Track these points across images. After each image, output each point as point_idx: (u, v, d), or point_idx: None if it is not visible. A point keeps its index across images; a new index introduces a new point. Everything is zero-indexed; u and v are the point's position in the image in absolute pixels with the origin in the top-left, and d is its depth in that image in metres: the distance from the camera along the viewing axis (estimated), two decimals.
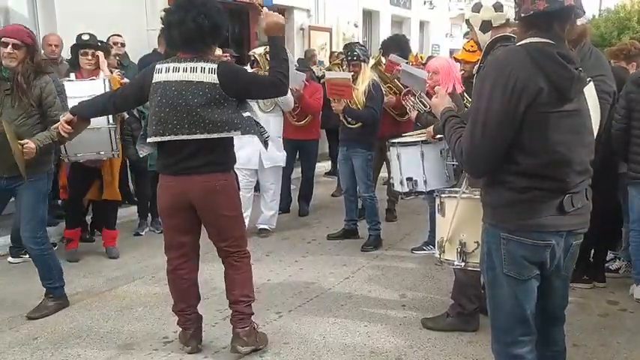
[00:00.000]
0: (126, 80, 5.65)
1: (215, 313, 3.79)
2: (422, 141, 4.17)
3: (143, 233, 5.80)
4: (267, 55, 5.11)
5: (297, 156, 6.61)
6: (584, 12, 1.98)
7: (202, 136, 2.96)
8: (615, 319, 3.75)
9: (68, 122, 3.26)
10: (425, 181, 4.09)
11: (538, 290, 2.12)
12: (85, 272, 4.71)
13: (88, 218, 5.58)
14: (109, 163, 4.85)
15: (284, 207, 6.42)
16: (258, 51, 5.26)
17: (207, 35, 3.01)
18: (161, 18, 3.09)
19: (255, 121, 3.15)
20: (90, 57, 4.68)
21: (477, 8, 3.29)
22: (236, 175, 3.33)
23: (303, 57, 9.05)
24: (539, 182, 1.96)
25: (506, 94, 1.90)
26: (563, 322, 2.31)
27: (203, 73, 2.96)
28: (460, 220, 2.42)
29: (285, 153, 5.80)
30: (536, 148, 1.95)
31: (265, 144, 3.25)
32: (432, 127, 4.00)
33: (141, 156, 3.31)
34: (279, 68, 3.02)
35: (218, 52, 5.88)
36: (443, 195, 2.56)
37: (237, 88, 3.01)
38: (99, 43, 4.95)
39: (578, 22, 2.00)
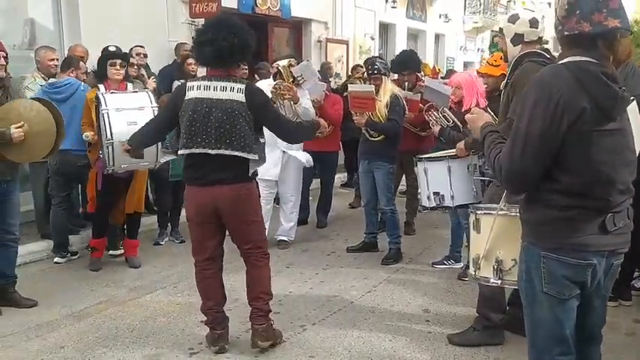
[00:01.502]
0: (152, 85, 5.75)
1: (239, 325, 3.79)
2: (449, 156, 4.17)
3: (163, 243, 5.83)
4: (291, 68, 5.24)
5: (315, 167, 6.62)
6: (631, 32, 1.97)
7: (226, 152, 3.19)
8: None
9: (127, 150, 3.63)
10: (452, 197, 4.09)
11: (577, 309, 2.10)
12: (108, 282, 4.73)
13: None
14: (141, 173, 4.91)
15: (302, 219, 6.42)
16: (282, 63, 5.29)
17: (237, 53, 3.25)
18: (192, 37, 3.28)
19: (263, 148, 3.44)
20: (118, 67, 4.74)
21: (513, 20, 3.31)
22: (256, 182, 3.59)
23: (319, 69, 9.10)
24: (581, 201, 1.95)
25: (548, 112, 1.90)
26: (601, 342, 2.28)
27: (232, 91, 3.21)
28: (497, 237, 2.40)
29: (308, 154, 5.78)
30: (579, 166, 1.94)
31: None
32: (462, 142, 3.99)
33: (161, 162, 3.48)
34: (304, 129, 3.66)
35: None
36: (479, 212, 2.55)
37: (258, 114, 3.27)
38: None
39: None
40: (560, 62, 2.00)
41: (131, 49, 6.36)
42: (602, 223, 1.97)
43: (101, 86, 4.72)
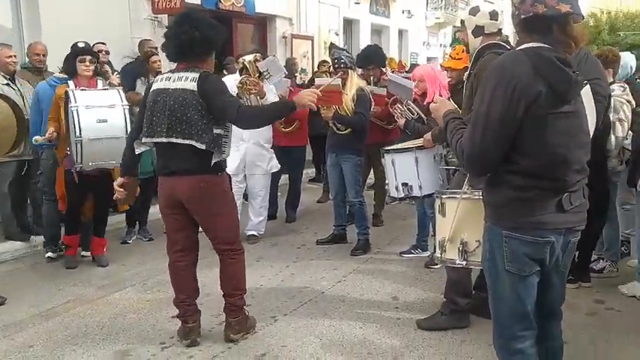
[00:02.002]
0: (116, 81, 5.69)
1: (211, 318, 3.80)
2: (416, 147, 4.25)
3: (131, 241, 5.77)
4: (257, 63, 5.26)
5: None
6: (583, 16, 2.06)
7: (176, 141, 3.20)
8: (603, 318, 3.86)
9: (121, 185, 3.51)
10: (420, 186, 4.17)
11: (537, 286, 2.20)
12: (75, 281, 4.67)
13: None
14: (114, 171, 4.84)
15: (271, 213, 6.44)
16: (248, 58, 5.30)
17: (197, 46, 3.24)
18: (163, 35, 3.36)
19: (220, 137, 3.28)
20: (88, 63, 4.68)
21: (474, 12, 3.40)
22: (229, 176, 3.50)
23: (285, 65, 9.11)
24: (539, 181, 2.04)
25: (506, 97, 1.98)
26: (561, 318, 2.39)
27: (186, 81, 3.21)
28: (461, 220, 2.48)
29: (276, 160, 5.83)
30: (535, 148, 2.02)
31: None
32: (429, 134, 4.07)
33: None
34: (259, 112, 3.49)
35: None
36: (444, 196, 2.62)
37: (209, 102, 3.20)
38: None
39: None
40: (518, 48, 2.09)
41: (92, 45, 6.26)
42: (558, 203, 2.06)
43: (71, 83, 4.65)
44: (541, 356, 2.29)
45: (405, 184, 4.24)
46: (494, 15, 3.34)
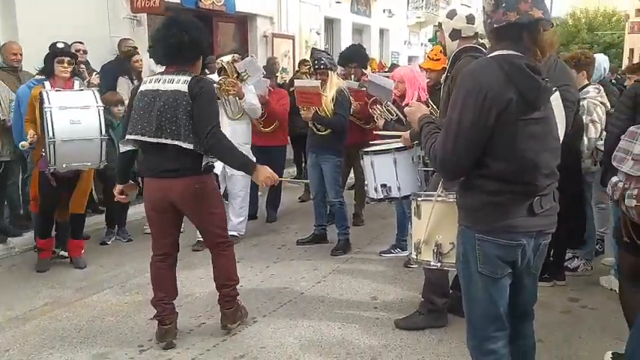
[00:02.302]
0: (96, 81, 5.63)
1: (190, 320, 3.81)
2: (395, 148, 4.28)
3: (109, 242, 5.72)
4: (235, 64, 5.25)
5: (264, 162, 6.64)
6: (552, 24, 2.10)
7: (164, 141, 3.20)
8: (577, 316, 3.93)
9: (121, 193, 3.53)
10: (399, 188, 4.20)
11: (510, 288, 2.24)
12: (53, 283, 4.62)
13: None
14: (87, 173, 4.82)
15: (251, 213, 6.44)
16: (226, 59, 5.28)
17: (186, 50, 3.25)
18: (150, 37, 3.33)
19: None
20: (66, 65, 4.63)
21: (451, 15, 3.44)
22: (216, 174, 3.53)
23: (265, 64, 9.10)
24: (511, 186, 2.07)
25: (477, 104, 2.00)
26: (533, 318, 2.44)
27: (178, 83, 3.22)
28: (436, 222, 2.51)
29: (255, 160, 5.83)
30: (506, 153, 2.06)
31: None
32: (408, 132, 4.09)
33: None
34: (230, 152, 3.26)
35: None
36: (419, 199, 2.65)
37: (195, 103, 3.20)
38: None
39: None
40: (490, 56, 2.12)
41: (70, 45, 6.20)
42: (529, 206, 2.10)
43: (47, 83, 4.60)
44: (514, 355, 2.33)
45: (383, 186, 4.26)
46: (470, 19, 3.38)
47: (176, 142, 3.19)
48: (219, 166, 5.47)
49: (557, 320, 3.84)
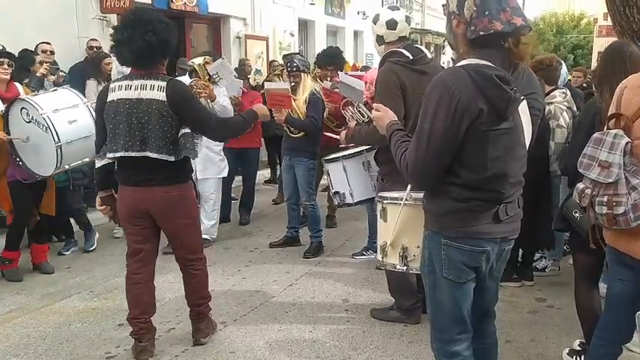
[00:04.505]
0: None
1: (159, 325, 3.72)
2: (342, 156, 4.31)
3: (67, 253, 5.44)
4: (207, 66, 5.21)
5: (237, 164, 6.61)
6: (530, 28, 2.11)
7: (152, 155, 3.09)
8: (544, 316, 3.99)
9: (103, 204, 3.34)
10: (351, 194, 4.23)
11: (474, 291, 2.26)
12: (18, 289, 4.52)
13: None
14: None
15: (224, 216, 6.41)
16: (197, 61, 5.24)
17: (156, 51, 3.12)
18: (110, 35, 3.19)
19: (191, 136, 3.21)
20: (6, 66, 4.49)
21: (374, 21, 3.48)
22: (194, 183, 3.43)
23: (237, 66, 9.05)
24: (478, 193, 2.08)
25: (449, 114, 2.00)
26: (494, 317, 2.47)
27: (153, 90, 3.09)
28: (402, 225, 2.52)
29: (227, 163, 5.80)
30: (476, 163, 2.07)
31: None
32: (344, 133, 3.94)
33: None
34: (233, 124, 3.41)
35: None
36: (385, 201, 2.66)
37: (182, 113, 3.13)
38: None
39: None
40: (460, 64, 2.11)
41: (37, 45, 6.08)
42: (495, 214, 2.11)
43: None
44: (476, 354, 2.36)
45: (336, 193, 4.30)
46: (391, 24, 3.40)
47: (162, 156, 3.08)
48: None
49: (525, 320, 3.89)
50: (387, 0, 18.07)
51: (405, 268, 2.52)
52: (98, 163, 3.25)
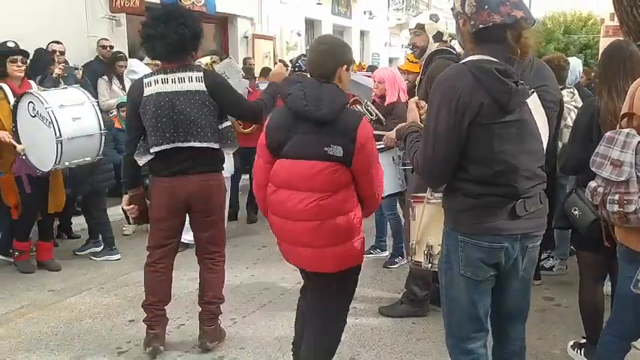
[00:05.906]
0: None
1: (170, 321, 3.75)
2: None
3: (82, 253, 5.35)
4: (214, 65, 5.23)
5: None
6: (534, 21, 2.12)
7: (196, 144, 3.16)
8: (551, 314, 4.01)
9: (131, 203, 3.36)
10: None
11: (494, 290, 2.25)
12: (29, 285, 4.57)
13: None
14: (56, 172, 4.71)
15: (232, 214, 6.44)
16: (205, 60, 5.24)
17: (189, 44, 3.20)
18: (139, 31, 3.24)
19: (232, 128, 3.38)
20: (20, 64, 4.52)
21: (436, 19, 3.58)
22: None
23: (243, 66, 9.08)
24: (490, 188, 2.09)
25: (450, 111, 2.03)
26: (523, 321, 2.40)
27: (191, 82, 3.16)
28: (426, 224, 2.53)
29: (233, 162, 5.82)
30: (483, 157, 2.08)
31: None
32: (393, 132, 4.02)
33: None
34: (264, 102, 3.40)
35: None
36: (412, 200, 2.67)
37: (221, 99, 3.21)
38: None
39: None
40: (462, 62, 2.14)
41: (48, 44, 6.14)
42: (512, 209, 2.10)
43: (5, 85, 4.46)
44: (497, 358, 2.36)
45: None
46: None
47: (205, 144, 3.16)
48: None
49: (533, 318, 3.84)
50: (393, 0, 18.13)
51: (430, 265, 2.52)
52: (141, 160, 3.25)
